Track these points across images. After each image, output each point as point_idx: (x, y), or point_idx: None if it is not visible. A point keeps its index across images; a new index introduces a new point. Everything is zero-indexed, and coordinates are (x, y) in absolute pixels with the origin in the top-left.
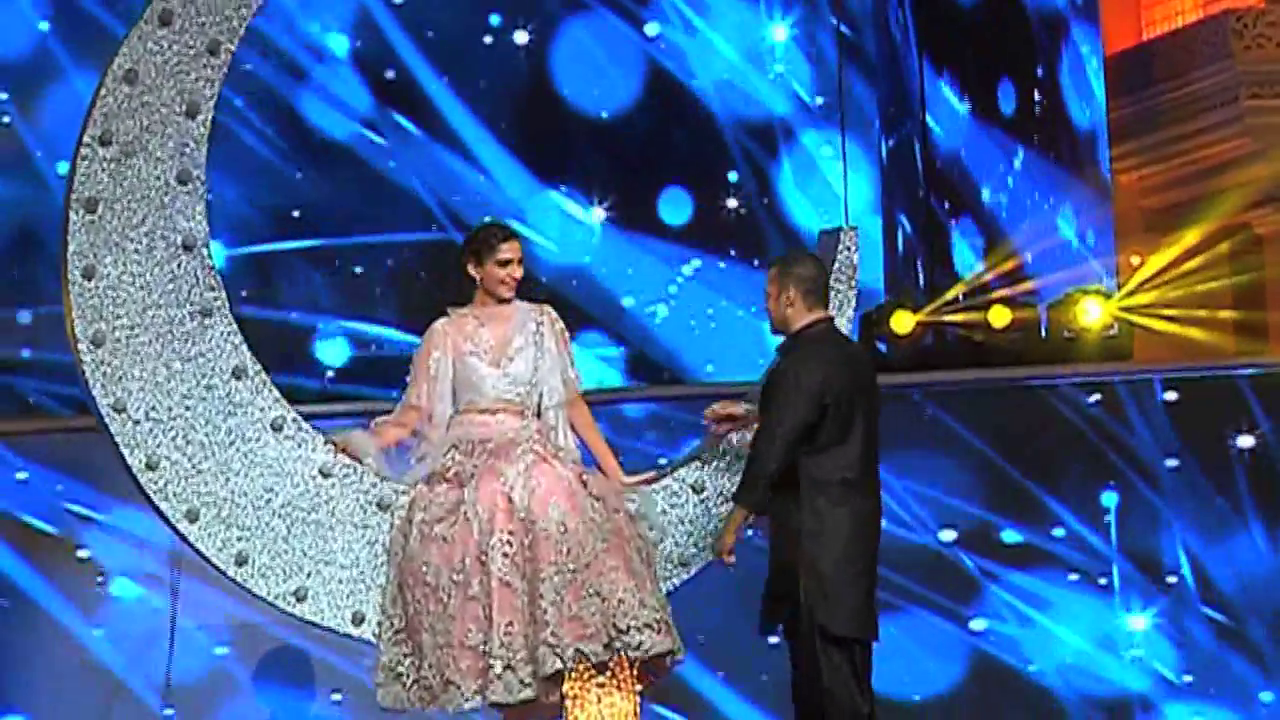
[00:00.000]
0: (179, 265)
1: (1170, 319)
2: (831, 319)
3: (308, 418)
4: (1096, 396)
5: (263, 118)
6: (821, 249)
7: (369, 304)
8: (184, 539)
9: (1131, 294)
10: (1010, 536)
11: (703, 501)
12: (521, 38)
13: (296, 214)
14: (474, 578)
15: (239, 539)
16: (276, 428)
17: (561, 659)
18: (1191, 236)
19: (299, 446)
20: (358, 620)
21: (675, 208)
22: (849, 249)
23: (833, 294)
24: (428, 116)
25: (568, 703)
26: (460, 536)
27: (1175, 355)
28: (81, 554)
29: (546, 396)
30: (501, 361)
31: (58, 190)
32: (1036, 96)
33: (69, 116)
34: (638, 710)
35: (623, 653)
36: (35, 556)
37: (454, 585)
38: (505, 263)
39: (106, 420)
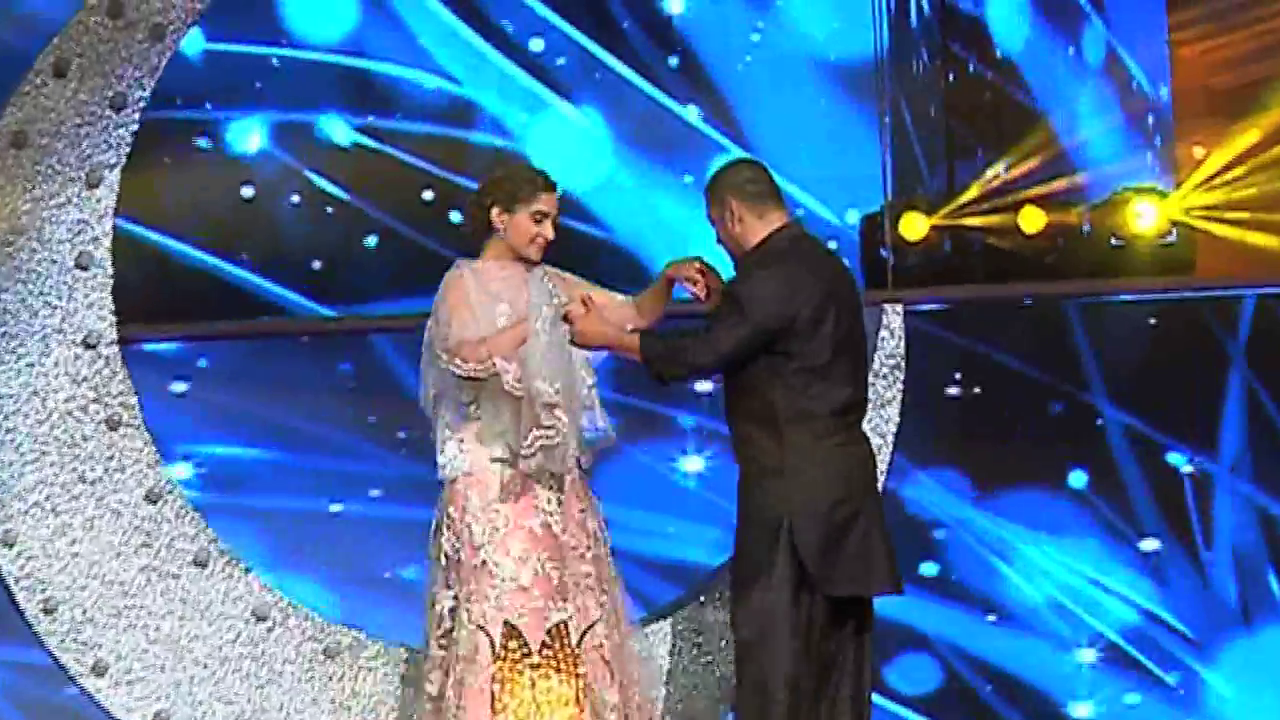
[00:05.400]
0: (81, 367)
1: (1239, 224)
2: (799, 224)
3: None
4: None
5: None
6: None
7: None
8: (90, 697)
9: (1193, 193)
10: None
11: (698, 645)
12: None
13: None
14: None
15: (155, 696)
16: (200, 563)
17: None
18: (1266, 122)
19: (227, 584)
20: None
21: None
22: (890, 328)
23: (873, 384)
24: None
25: (495, 687)
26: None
27: (1246, 268)
28: None
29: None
30: None
31: None
32: None
33: None
34: (581, 697)
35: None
36: None
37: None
38: (541, 217)
39: None
